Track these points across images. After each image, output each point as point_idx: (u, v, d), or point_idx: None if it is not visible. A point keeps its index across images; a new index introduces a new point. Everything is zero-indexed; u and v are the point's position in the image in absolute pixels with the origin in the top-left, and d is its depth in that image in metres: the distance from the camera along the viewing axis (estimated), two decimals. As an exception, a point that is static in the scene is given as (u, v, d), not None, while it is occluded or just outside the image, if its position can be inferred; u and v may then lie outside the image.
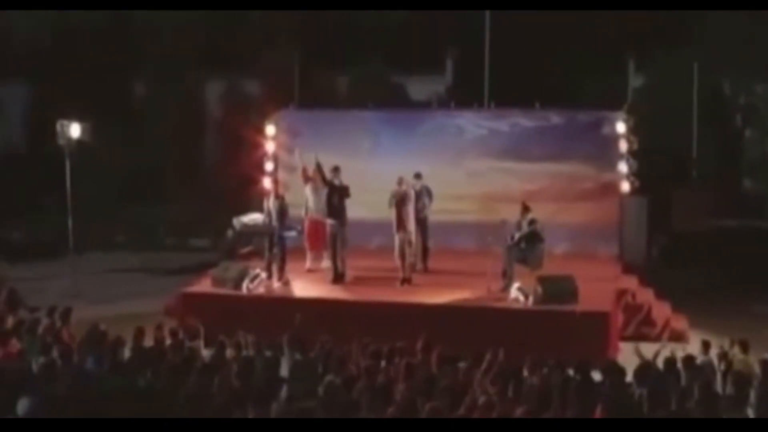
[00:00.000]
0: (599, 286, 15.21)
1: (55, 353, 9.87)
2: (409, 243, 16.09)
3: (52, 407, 7.80)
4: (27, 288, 16.60)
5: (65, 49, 26.64)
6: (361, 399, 8.50)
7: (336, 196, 16.02)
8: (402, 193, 16.01)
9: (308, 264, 17.19)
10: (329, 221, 16.12)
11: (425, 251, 17.10)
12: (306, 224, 17.15)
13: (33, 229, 24.17)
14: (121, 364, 10.00)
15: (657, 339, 14.92)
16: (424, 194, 16.66)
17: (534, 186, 18.02)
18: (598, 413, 7.79)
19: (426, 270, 16.97)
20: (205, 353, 11.24)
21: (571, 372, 9.80)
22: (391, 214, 15.94)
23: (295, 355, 10.48)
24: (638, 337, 14.93)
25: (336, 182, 16.06)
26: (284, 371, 10.18)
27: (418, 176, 16.56)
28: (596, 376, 9.96)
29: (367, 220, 17.83)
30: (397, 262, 16.01)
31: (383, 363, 10.02)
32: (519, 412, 7.52)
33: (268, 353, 10.73)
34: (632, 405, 8.57)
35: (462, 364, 9.92)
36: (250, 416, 8.06)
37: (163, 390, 8.72)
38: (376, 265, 16.88)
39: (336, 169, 16.16)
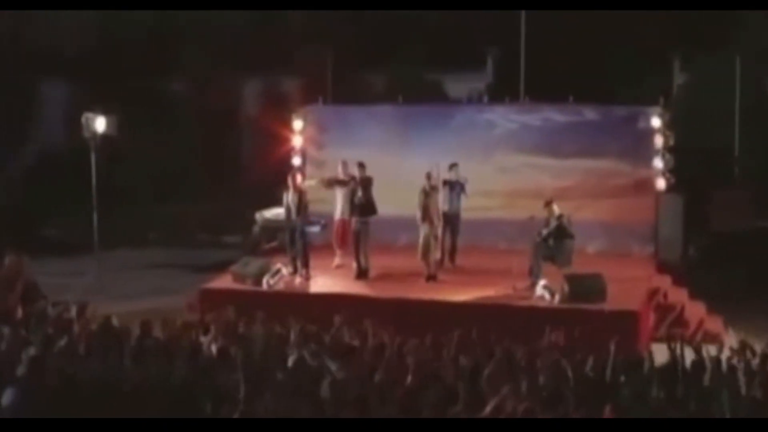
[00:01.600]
0: (630, 285, 14.75)
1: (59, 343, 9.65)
2: (435, 237, 15.75)
3: (40, 399, 7.56)
4: (54, 284, 16.46)
5: (107, 48, 26.63)
6: (365, 396, 8.16)
7: (360, 191, 15.71)
8: (429, 186, 15.69)
9: (336, 261, 16.90)
10: (353, 218, 15.82)
11: (454, 248, 16.73)
12: (335, 223, 16.88)
13: (68, 226, 24.10)
14: (123, 356, 9.73)
15: (690, 340, 14.41)
16: (457, 187, 16.33)
17: (566, 182, 17.52)
18: (606, 413, 7.35)
19: (454, 267, 16.59)
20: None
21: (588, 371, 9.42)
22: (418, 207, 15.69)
23: (302, 352, 10.13)
24: (670, 337, 14.42)
25: (358, 177, 15.75)
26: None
27: (453, 166, 16.26)
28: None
29: (395, 216, 17.45)
30: (420, 257, 15.66)
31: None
32: (521, 409, 7.09)
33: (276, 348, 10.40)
34: (647, 406, 8.12)
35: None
36: (246, 410, 7.74)
37: (159, 382, 8.45)
38: (403, 262, 16.56)
39: (361, 166, 15.87)
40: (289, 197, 15.92)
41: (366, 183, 15.71)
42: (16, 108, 26.09)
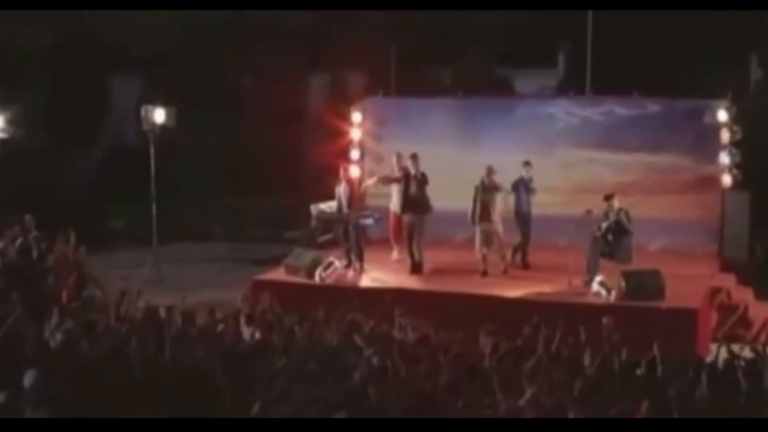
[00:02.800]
0: (690, 283, 14.31)
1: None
2: (494, 234, 15.44)
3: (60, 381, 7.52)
4: (114, 275, 16.60)
5: (181, 45, 26.77)
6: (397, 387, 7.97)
7: (414, 185, 15.48)
8: (491, 182, 15.41)
9: (395, 255, 16.72)
10: (404, 214, 15.61)
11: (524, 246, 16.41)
12: (391, 217, 16.71)
13: (135, 218, 24.32)
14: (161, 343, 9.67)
15: (753, 341, 13.90)
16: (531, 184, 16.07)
17: (628, 178, 17.03)
18: (642, 410, 7.03)
19: (512, 264, 16.26)
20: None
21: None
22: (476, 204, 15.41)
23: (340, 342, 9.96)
24: (732, 338, 13.94)
25: (413, 171, 15.52)
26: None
27: (527, 164, 16.00)
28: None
29: (454, 211, 17.20)
30: (478, 255, 15.39)
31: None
32: (548, 403, 6.82)
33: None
34: (692, 404, 7.79)
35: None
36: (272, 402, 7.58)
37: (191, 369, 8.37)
38: (460, 257, 16.35)
39: (414, 157, 15.63)
40: (341, 189, 15.84)
41: (420, 178, 15.44)
42: (88, 104, 26.41)
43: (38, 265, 13.36)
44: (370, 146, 18.85)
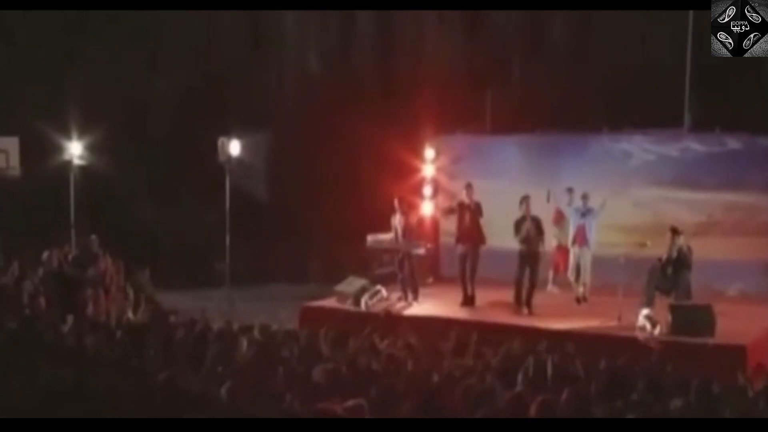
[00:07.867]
0: (750, 323, 13.40)
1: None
2: (579, 259, 15.51)
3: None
4: (194, 308, 16.88)
5: (299, 96, 27.21)
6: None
7: (468, 215, 15.15)
8: (585, 208, 15.46)
9: (549, 287, 16.57)
10: (458, 244, 15.30)
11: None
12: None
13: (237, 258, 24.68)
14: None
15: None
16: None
17: (707, 218, 16.26)
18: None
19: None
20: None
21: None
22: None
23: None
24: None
25: (467, 201, 15.21)
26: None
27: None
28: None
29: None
30: (571, 278, 15.37)
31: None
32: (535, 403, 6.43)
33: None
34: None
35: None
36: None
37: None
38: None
39: (468, 187, 15.35)
40: (396, 220, 15.67)
41: (474, 209, 15.10)
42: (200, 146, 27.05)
43: (79, 277, 13.71)
44: (444, 183, 18.61)
